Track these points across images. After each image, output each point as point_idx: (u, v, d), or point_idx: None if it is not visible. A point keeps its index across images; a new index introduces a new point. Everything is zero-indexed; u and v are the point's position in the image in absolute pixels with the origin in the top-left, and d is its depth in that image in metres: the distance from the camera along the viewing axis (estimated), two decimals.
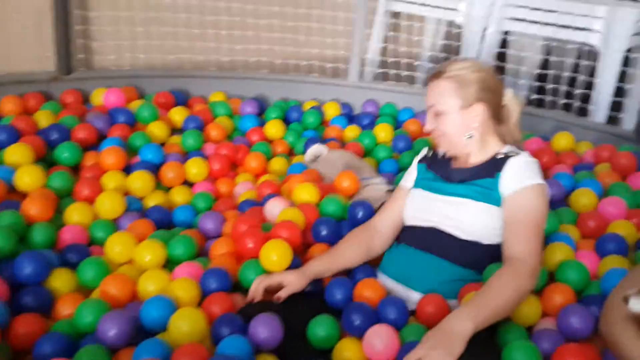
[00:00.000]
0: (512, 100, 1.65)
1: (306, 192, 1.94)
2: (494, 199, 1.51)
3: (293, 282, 1.52)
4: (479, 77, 1.55)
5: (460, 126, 1.57)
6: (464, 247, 1.51)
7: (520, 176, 1.50)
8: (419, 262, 1.55)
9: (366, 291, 1.49)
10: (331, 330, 1.41)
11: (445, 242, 1.53)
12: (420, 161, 1.74)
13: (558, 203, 1.97)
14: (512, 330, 1.42)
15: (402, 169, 2.41)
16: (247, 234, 1.66)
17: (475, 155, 1.60)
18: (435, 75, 1.59)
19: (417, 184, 1.69)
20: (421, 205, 1.62)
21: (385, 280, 1.60)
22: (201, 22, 2.90)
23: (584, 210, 1.91)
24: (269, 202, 1.88)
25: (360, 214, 1.86)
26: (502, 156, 1.56)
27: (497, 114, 1.61)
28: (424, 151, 1.77)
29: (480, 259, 1.51)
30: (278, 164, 2.37)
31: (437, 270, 1.51)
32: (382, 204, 1.84)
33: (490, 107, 1.58)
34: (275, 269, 1.58)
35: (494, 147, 1.60)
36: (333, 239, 1.77)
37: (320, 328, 1.40)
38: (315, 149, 2.32)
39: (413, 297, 1.52)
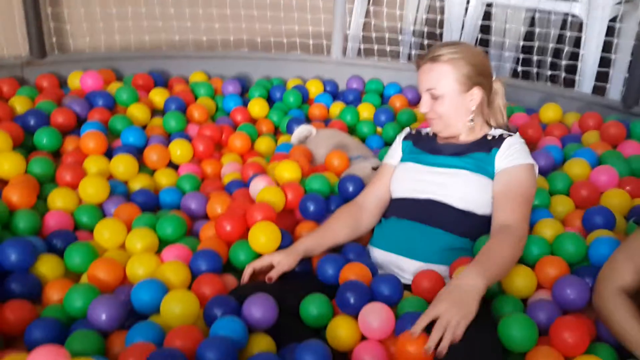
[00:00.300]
0: (497, 83, 1.72)
1: (288, 170, 1.91)
2: (488, 172, 1.58)
3: (282, 262, 1.52)
4: (476, 62, 1.61)
5: (458, 109, 1.63)
6: (459, 217, 1.55)
7: (515, 154, 1.58)
8: (414, 232, 1.57)
9: (352, 275, 1.47)
10: (324, 308, 1.40)
11: (440, 213, 1.56)
12: (404, 138, 1.78)
13: (549, 173, 1.95)
14: (508, 302, 1.43)
15: (388, 144, 2.41)
16: (226, 217, 1.64)
17: (465, 135, 1.67)
18: (431, 58, 1.62)
19: (405, 159, 1.73)
20: (413, 177, 1.65)
21: (378, 253, 1.62)
22: (177, 0, 2.82)
23: (576, 180, 1.90)
24: (253, 181, 1.84)
25: (350, 189, 1.84)
26: (496, 136, 1.63)
27: (488, 97, 1.68)
28: (407, 130, 1.82)
29: (475, 228, 1.56)
30: (264, 143, 2.33)
31: (432, 240, 1.54)
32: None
33: (485, 91, 1.64)
34: (265, 251, 1.57)
35: (482, 129, 1.68)
36: (321, 216, 1.76)
37: (313, 306, 1.40)
38: (303, 129, 2.28)
39: (408, 266, 1.54)
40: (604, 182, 1.86)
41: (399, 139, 1.79)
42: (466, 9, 3.05)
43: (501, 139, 1.63)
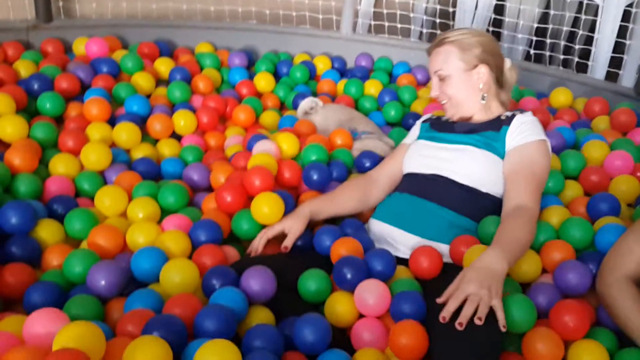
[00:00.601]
0: (511, 70, 1.72)
1: (286, 142, 1.88)
2: (497, 149, 1.57)
3: (294, 228, 1.54)
4: (480, 41, 1.63)
5: (466, 88, 1.64)
6: (463, 194, 1.54)
7: (526, 131, 1.56)
8: (415, 207, 1.56)
9: (343, 250, 1.45)
10: (322, 284, 1.39)
11: (444, 189, 1.56)
12: (424, 121, 1.81)
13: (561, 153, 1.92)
14: (507, 284, 1.40)
15: (389, 123, 2.41)
16: (225, 188, 1.62)
17: (479, 115, 1.67)
18: (437, 43, 1.67)
19: (420, 137, 1.75)
20: (423, 153, 1.66)
21: (376, 225, 1.61)
22: None
23: (590, 163, 1.88)
24: (255, 145, 1.84)
25: (367, 164, 1.85)
26: (509, 116, 1.62)
27: (499, 78, 1.68)
28: (428, 115, 1.85)
29: (478, 208, 1.54)
30: (269, 117, 2.31)
31: (433, 216, 1.53)
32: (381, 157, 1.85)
33: (492, 69, 1.65)
34: (269, 222, 1.56)
35: (497, 110, 1.68)
36: (325, 185, 1.76)
37: (311, 282, 1.39)
38: (309, 101, 2.24)
39: (405, 240, 1.53)
40: (618, 167, 1.83)
41: (419, 122, 1.82)
42: None
43: (512, 117, 1.62)
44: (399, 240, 1.54)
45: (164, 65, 2.39)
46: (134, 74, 2.27)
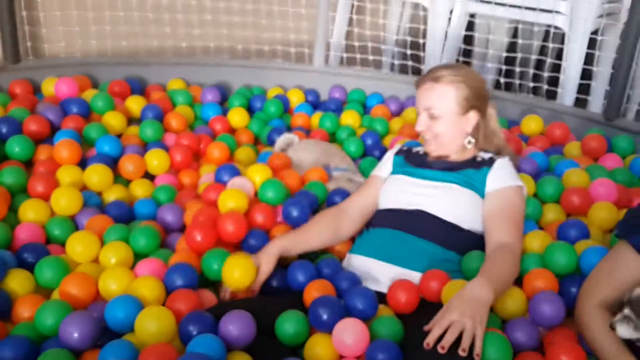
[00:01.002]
0: (490, 108, 1.76)
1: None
2: (477, 189, 1.63)
3: (262, 268, 1.53)
4: (476, 86, 1.67)
5: (455, 130, 1.67)
6: (446, 229, 1.58)
7: (505, 176, 1.64)
8: (397, 240, 1.58)
9: (315, 293, 1.44)
10: (300, 325, 1.37)
11: (427, 224, 1.58)
12: (396, 153, 1.82)
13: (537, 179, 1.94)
14: (489, 320, 1.37)
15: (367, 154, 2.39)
16: (195, 227, 1.61)
17: (456, 155, 1.71)
18: (433, 78, 1.67)
19: (396, 171, 1.76)
20: (403, 189, 1.67)
21: (356, 260, 1.61)
22: (156, 5, 2.78)
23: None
24: (230, 181, 1.86)
25: (339, 201, 1.84)
26: (486, 158, 1.69)
27: (484, 121, 1.73)
28: (398, 146, 1.86)
29: (461, 243, 1.58)
30: (244, 153, 2.28)
31: (416, 248, 1.55)
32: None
33: (482, 115, 1.70)
34: (241, 286, 1.51)
35: (472, 151, 1.73)
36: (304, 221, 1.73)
37: (288, 324, 1.37)
38: (286, 138, 2.24)
39: (386, 272, 1.53)
40: (601, 194, 1.83)
41: (391, 153, 1.83)
42: (449, 19, 3.04)
43: (491, 160, 1.68)
44: (381, 273, 1.53)
45: (135, 104, 2.37)
46: (105, 113, 2.24)
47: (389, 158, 1.82)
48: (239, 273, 1.49)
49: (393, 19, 3.34)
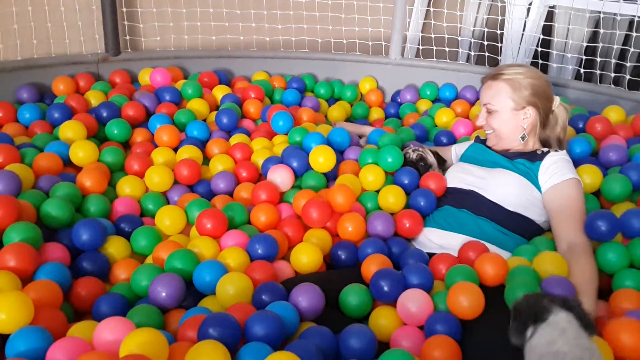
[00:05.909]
0: (560, 107, 1.82)
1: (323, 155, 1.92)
2: (530, 177, 1.69)
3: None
4: (533, 83, 1.74)
5: (510, 126, 1.77)
6: (495, 209, 1.67)
7: (559, 170, 1.67)
8: (463, 215, 1.70)
9: (372, 267, 1.51)
10: (363, 298, 1.42)
11: (481, 203, 1.69)
12: (476, 141, 1.97)
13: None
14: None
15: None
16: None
17: (517, 149, 1.81)
18: (492, 76, 1.79)
19: (463, 159, 1.91)
20: (464, 169, 1.83)
21: (429, 232, 1.72)
22: (243, 2, 2.90)
23: None
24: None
25: (422, 203, 1.80)
26: (545, 151, 1.74)
27: (545, 119, 1.79)
28: (478, 136, 2.00)
29: (507, 222, 1.66)
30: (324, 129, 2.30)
31: (479, 223, 1.67)
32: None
33: (540, 112, 1.76)
34: (307, 270, 1.58)
35: (535, 146, 1.81)
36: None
37: (352, 297, 1.42)
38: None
39: (457, 241, 1.64)
40: None
41: (472, 139, 2.02)
42: (528, 10, 3.01)
43: (546, 153, 1.74)
44: (451, 242, 1.65)
45: (221, 93, 2.48)
46: (192, 100, 2.37)
47: (469, 142, 1.97)
48: (307, 258, 1.58)
49: (470, 10, 3.33)
